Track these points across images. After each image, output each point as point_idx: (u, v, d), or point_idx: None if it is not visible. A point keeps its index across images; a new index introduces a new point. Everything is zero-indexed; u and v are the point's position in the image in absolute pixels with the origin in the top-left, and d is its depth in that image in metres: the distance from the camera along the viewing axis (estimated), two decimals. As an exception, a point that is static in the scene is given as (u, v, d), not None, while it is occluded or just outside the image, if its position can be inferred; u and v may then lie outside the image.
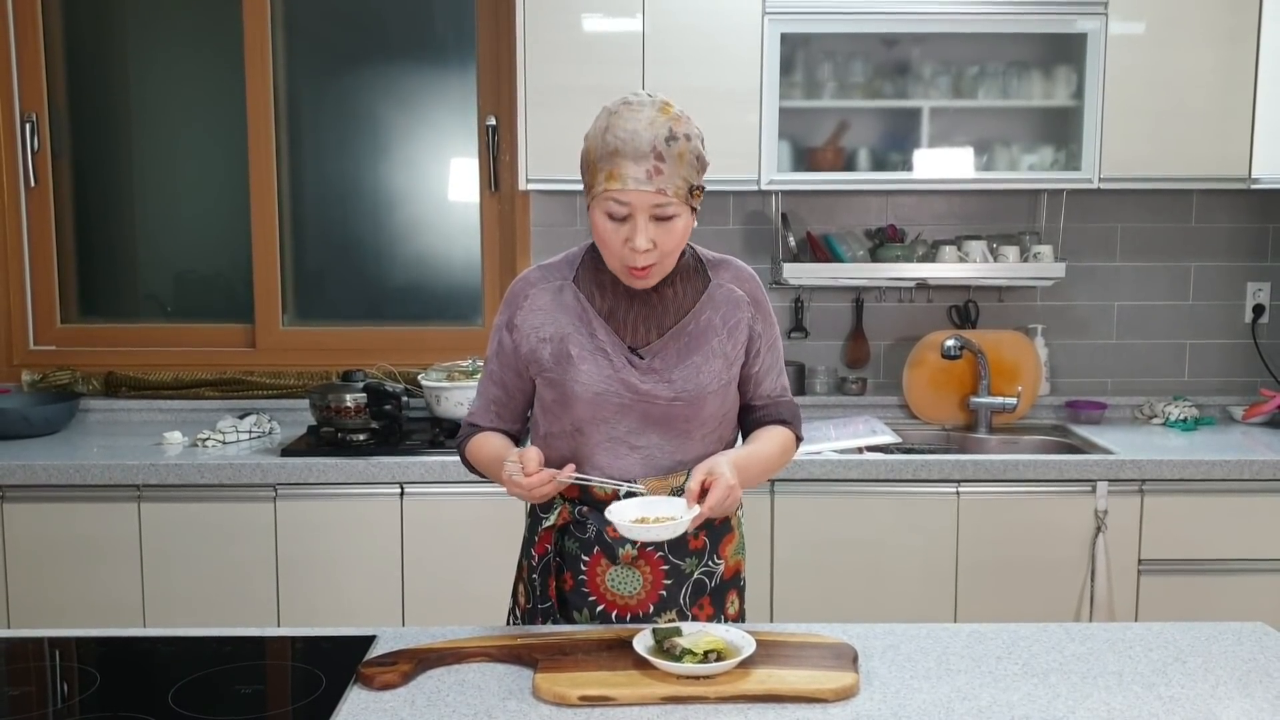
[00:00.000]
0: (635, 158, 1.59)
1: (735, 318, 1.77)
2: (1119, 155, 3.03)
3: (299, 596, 2.82)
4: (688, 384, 1.73)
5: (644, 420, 1.74)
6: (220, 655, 1.63)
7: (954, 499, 2.84)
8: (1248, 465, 2.83)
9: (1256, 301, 3.43)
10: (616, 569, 1.78)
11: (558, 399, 1.76)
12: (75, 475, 2.78)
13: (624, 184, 1.60)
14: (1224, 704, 1.46)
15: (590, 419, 1.74)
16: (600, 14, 2.96)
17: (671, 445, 1.76)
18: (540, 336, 1.75)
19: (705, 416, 1.76)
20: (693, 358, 1.74)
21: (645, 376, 1.73)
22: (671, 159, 1.60)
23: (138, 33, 3.48)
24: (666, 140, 1.60)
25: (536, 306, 1.76)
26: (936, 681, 1.53)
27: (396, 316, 3.52)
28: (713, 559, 1.83)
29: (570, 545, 1.80)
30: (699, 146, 1.65)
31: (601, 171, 1.61)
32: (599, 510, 1.76)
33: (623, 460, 1.75)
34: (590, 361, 1.73)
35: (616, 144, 1.60)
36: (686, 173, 1.62)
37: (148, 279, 3.59)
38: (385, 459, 2.82)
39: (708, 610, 1.82)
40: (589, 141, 1.65)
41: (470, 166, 3.44)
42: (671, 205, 1.62)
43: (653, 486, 1.75)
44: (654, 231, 1.63)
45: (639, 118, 1.60)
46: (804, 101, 3.12)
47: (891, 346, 3.43)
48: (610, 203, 1.61)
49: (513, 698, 1.48)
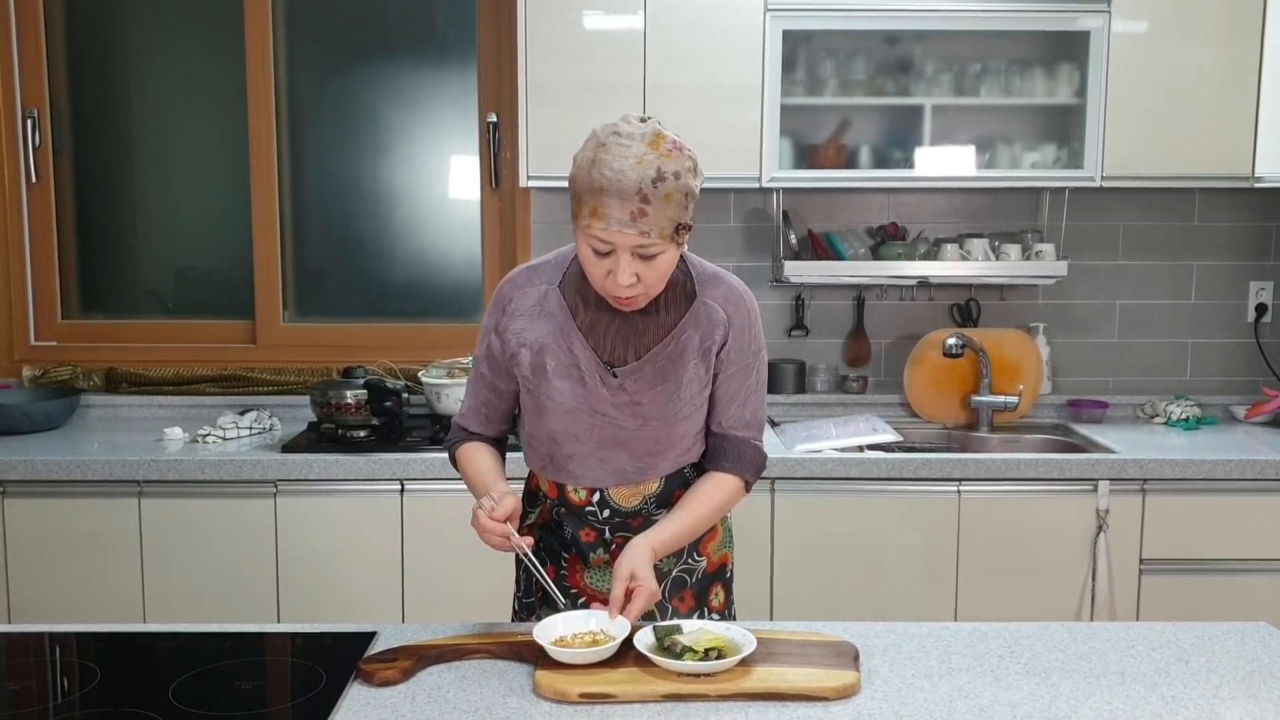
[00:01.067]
0: (620, 198, 1.53)
1: (711, 338, 1.73)
2: (1121, 153, 3.02)
3: (299, 593, 2.82)
4: (658, 410, 1.72)
5: (614, 440, 1.74)
6: (221, 651, 1.62)
7: (955, 498, 2.84)
8: (1250, 465, 2.83)
9: (1259, 301, 3.43)
10: (592, 569, 1.81)
11: (534, 408, 1.77)
12: (76, 471, 2.78)
13: (607, 224, 1.54)
14: (1227, 704, 1.45)
15: (562, 432, 1.75)
16: (601, 11, 2.96)
17: (642, 462, 1.76)
18: (521, 342, 1.75)
19: (676, 438, 1.76)
20: (667, 383, 1.72)
21: (617, 399, 1.72)
22: (657, 200, 1.54)
23: (139, 29, 3.48)
24: (654, 182, 1.53)
25: (520, 311, 1.75)
26: (938, 680, 1.53)
27: (397, 313, 3.52)
28: (693, 556, 1.84)
29: (551, 542, 1.84)
30: (689, 183, 1.57)
31: (586, 206, 1.57)
32: (574, 514, 1.80)
33: (594, 471, 1.76)
34: (564, 378, 1.72)
35: (602, 182, 1.53)
36: (673, 212, 1.56)
37: (149, 275, 3.59)
38: (386, 456, 2.82)
39: (689, 603, 1.84)
40: (576, 169, 1.59)
41: (471, 163, 3.44)
42: (655, 245, 1.57)
43: (623, 495, 1.77)
44: (637, 266, 1.58)
45: (627, 155, 1.53)
46: (806, 99, 3.11)
47: (893, 345, 3.43)
48: (593, 239, 1.58)
49: (513, 694, 1.48)
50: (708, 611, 1.85)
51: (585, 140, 1.60)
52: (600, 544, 1.80)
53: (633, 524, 1.78)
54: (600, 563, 1.80)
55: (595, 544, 1.80)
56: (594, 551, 1.80)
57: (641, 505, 1.78)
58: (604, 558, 1.79)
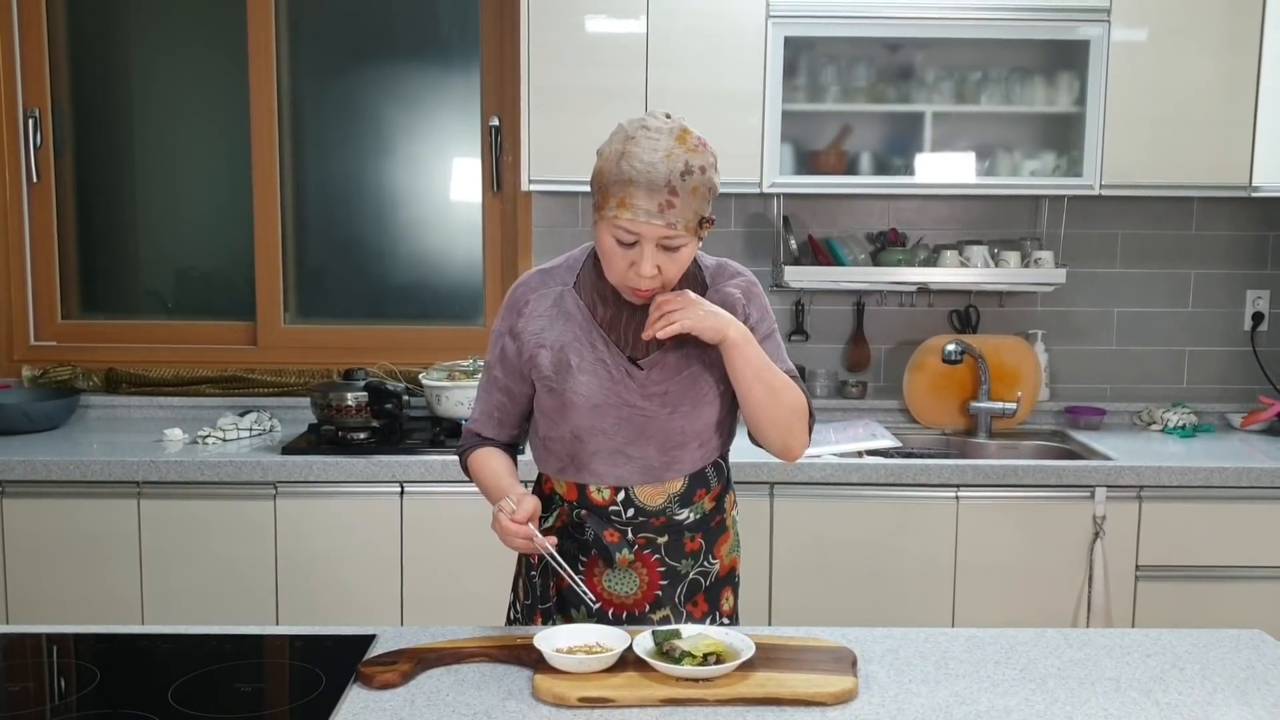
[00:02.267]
0: (649, 190, 1.58)
1: None
2: (1120, 162, 3.03)
3: (299, 595, 2.82)
4: (684, 397, 1.74)
5: (641, 432, 1.75)
6: (220, 653, 1.63)
7: (953, 504, 2.84)
8: (1246, 473, 2.83)
9: (1256, 309, 3.44)
10: (613, 571, 1.80)
11: (556, 407, 1.76)
12: (75, 471, 2.78)
13: (635, 215, 1.59)
14: (1221, 711, 1.46)
15: (588, 428, 1.75)
16: (604, 15, 2.96)
17: (668, 455, 1.77)
18: (540, 343, 1.76)
19: (701, 427, 1.77)
20: (691, 367, 1.75)
21: (643, 389, 1.74)
22: (685, 193, 1.60)
23: (141, 29, 3.49)
24: (682, 175, 1.59)
25: (537, 313, 1.77)
26: (935, 686, 1.53)
27: (398, 316, 3.52)
28: (708, 559, 1.84)
29: (569, 546, 1.82)
30: (713, 178, 1.63)
31: (614, 197, 1.61)
32: (597, 514, 1.79)
33: (619, 468, 1.76)
34: (590, 373, 1.73)
35: (631, 173, 1.58)
36: (698, 205, 1.62)
37: (149, 276, 3.60)
38: (386, 458, 2.82)
39: (702, 607, 1.84)
40: (603, 162, 1.63)
41: (473, 166, 3.44)
42: (679, 238, 1.62)
43: (647, 494, 1.77)
44: (659, 258, 1.63)
45: (656, 148, 1.59)
46: (807, 105, 3.12)
47: (892, 350, 3.44)
48: (619, 230, 1.62)
49: (512, 698, 1.48)
50: (719, 616, 1.86)
51: (611, 135, 1.65)
52: (624, 544, 1.79)
53: (655, 524, 1.79)
54: (625, 563, 1.80)
55: (620, 544, 1.79)
56: (619, 552, 1.79)
57: (665, 504, 1.78)
58: (629, 558, 1.79)
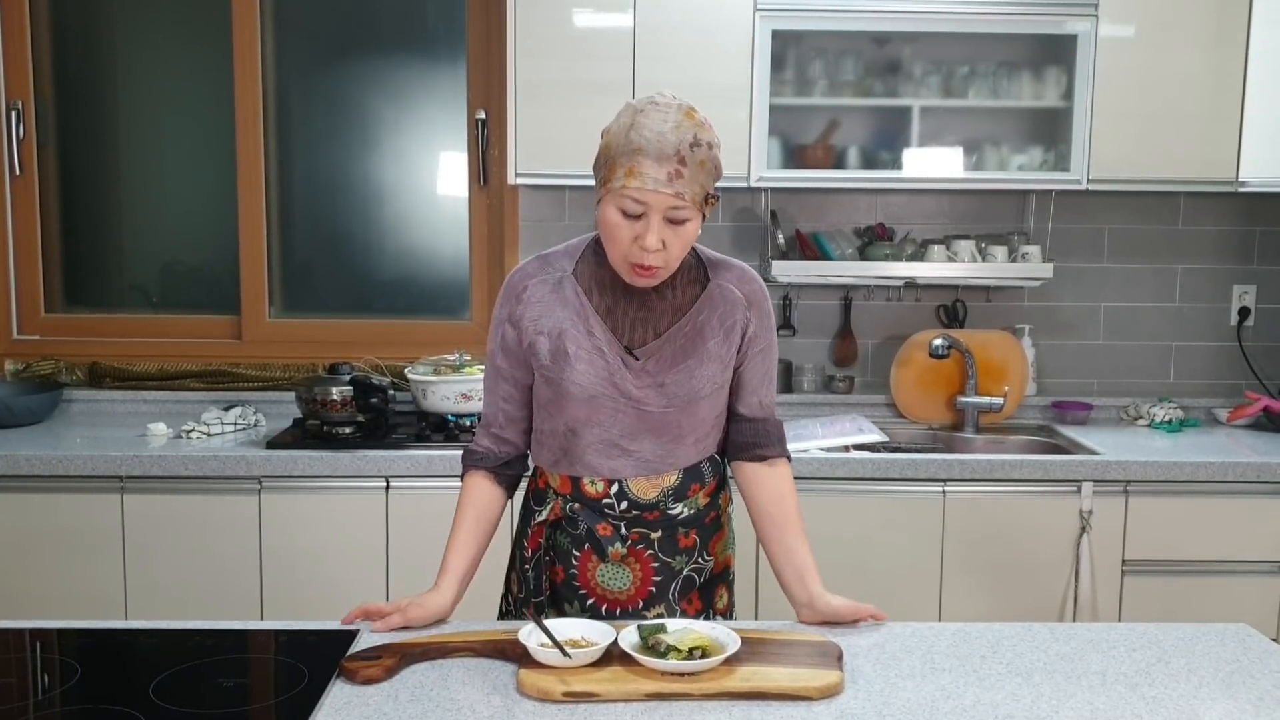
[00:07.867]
0: (659, 159, 1.59)
1: (732, 318, 1.77)
2: (1108, 157, 3.04)
3: (283, 590, 2.81)
4: (681, 389, 1.74)
5: (637, 424, 1.74)
6: (203, 648, 1.61)
7: (940, 498, 2.85)
8: (1232, 467, 2.84)
9: (1242, 304, 3.45)
10: (606, 565, 1.79)
11: (553, 398, 1.76)
12: (58, 466, 2.76)
13: (644, 183, 1.59)
14: (1207, 705, 1.46)
15: (584, 420, 1.74)
16: (591, 9, 2.95)
17: (664, 449, 1.76)
18: (538, 330, 1.75)
19: (698, 421, 1.77)
20: (688, 360, 1.74)
21: (639, 380, 1.73)
22: (693, 165, 1.61)
23: (126, 21, 3.46)
24: (691, 146, 1.60)
25: (535, 299, 1.76)
26: (921, 680, 1.53)
27: (384, 310, 3.51)
28: (702, 555, 1.84)
29: (562, 540, 1.82)
30: (718, 156, 1.65)
31: (621, 168, 1.61)
32: (590, 508, 1.78)
33: (614, 461, 1.76)
34: (586, 361, 1.73)
35: (641, 142, 1.59)
36: (705, 180, 1.63)
37: (133, 269, 3.57)
38: (371, 452, 2.81)
39: (696, 604, 1.84)
40: (610, 136, 1.64)
41: (459, 160, 3.43)
42: (685, 210, 1.62)
43: (642, 486, 1.76)
44: (665, 232, 1.63)
45: (666, 119, 1.61)
46: (794, 99, 3.12)
47: (879, 345, 3.44)
48: (627, 200, 1.61)
49: (497, 693, 1.47)
50: (714, 614, 1.86)
51: (618, 113, 1.66)
52: (617, 538, 1.78)
53: (648, 518, 1.78)
54: (618, 557, 1.79)
55: (613, 538, 1.78)
56: (611, 545, 1.78)
57: (659, 498, 1.78)
58: (621, 551, 1.79)
